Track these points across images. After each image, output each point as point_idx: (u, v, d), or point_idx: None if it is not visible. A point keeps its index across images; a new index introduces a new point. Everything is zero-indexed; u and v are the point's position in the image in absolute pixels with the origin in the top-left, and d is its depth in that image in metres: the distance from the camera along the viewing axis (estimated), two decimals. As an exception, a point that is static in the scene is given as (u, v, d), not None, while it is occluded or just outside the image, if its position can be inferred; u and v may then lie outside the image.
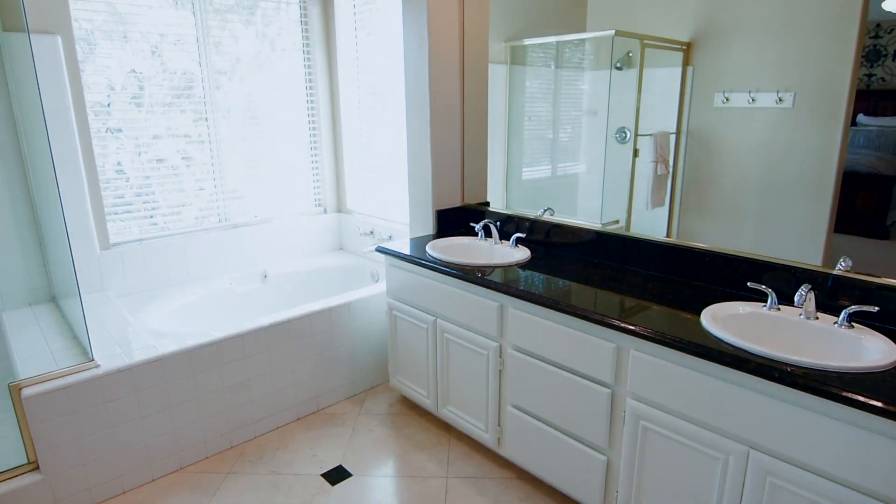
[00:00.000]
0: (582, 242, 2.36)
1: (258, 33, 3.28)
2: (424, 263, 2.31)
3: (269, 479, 2.25)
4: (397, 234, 3.33)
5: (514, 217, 2.62)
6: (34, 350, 2.24)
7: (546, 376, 1.95)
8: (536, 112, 2.65)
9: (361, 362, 2.85)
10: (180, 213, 3.16)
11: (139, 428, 2.17)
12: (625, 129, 2.26)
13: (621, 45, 2.22)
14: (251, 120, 3.35)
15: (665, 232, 2.17)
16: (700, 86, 1.98)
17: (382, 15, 3.20)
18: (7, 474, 1.97)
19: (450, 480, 2.23)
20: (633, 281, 2.04)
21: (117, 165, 2.92)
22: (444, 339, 2.35)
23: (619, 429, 1.77)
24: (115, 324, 2.47)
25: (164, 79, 2.98)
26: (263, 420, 2.53)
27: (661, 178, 2.17)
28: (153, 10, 2.88)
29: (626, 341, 1.69)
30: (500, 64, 2.72)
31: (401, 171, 3.33)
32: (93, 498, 2.11)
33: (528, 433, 2.08)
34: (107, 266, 2.89)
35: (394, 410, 2.72)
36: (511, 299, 2.02)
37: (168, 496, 2.16)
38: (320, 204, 3.79)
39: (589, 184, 2.45)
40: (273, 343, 2.48)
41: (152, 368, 2.15)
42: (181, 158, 3.13)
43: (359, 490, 2.18)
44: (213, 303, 3.13)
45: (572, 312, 1.78)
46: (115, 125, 2.87)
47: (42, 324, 2.50)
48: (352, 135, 3.63)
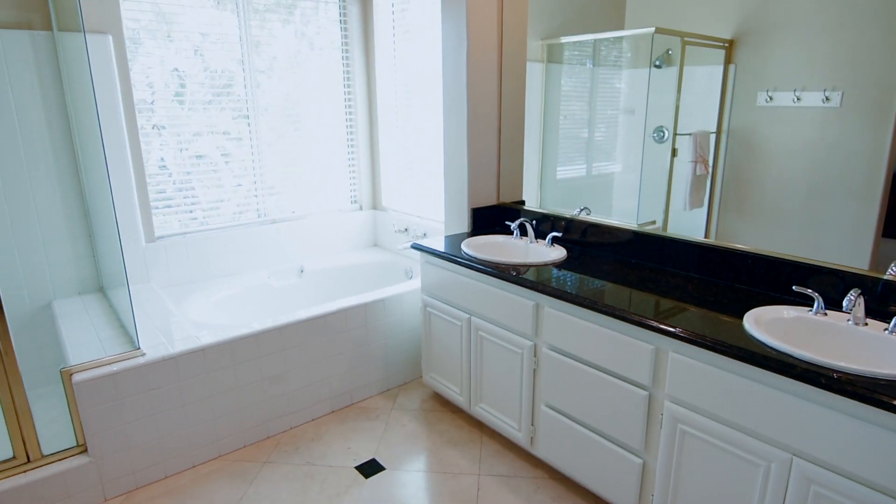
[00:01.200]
0: (619, 242, 2.34)
1: (297, 32, 3.34)
2: (460, 261, 2.33)
3: (304, 470, 2.29)
4: (431, 232, 3.35)
5: (550, 216, 2.61)
6: (84, 337, 2.33)
7: (581, 376, 1.94)
8: (572, 110, 2.63)
9: (395, 358, 2.88)
10: (218, 208, 3.24)
11: (181, 416, 2.24)
12: (663, 128, 2.23)
13: (661, 42, 2.19)
14: (289, 118, 3.42)
15: (703, 233, 2.14)
16: (742, 84, 1.94)
17: (420, 14, 3.22)
18: (57, 456, 2.05)
19: (482, 478, 2.24)
20: (672, 282, 2.01)
21: (160, 161, 3.01)
22: (479, 337, 2.35)
23: (656, 432, 1.75)
24: (159, 314, 2.55)
25: (205, 77, 3.06)
26: (299, 412, 2.58)
27: (700, 178, 2.14)
28: (195, 10, 2.96)
29: (665, 343, 1.67)
30: (537, 62, 2.71)
31: (436, 168, 3.35)
32: (136, 482, 2.19)
33: (561, 433, 2.07)
34: (151, 258, 2.99)
35: (426, 406, 2.75)
36: (547, 298, 2.02)
37: (207, 483, 2.22)
38: (356, 201, 3.83)
39: (625, 183, 2.42)
40: (309, 337, 2.53)
41: (194, 358, 2.22)
42: (220, 155, 3.21)
43: (392, 484, 2.21)
44: (251, 296, 3.20)
45: (610, 313, 1.77)
46: (158, 122, 2.96)
47: (91, 313, 2.60)
48: (388, 132, 3.67)
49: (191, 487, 2.20)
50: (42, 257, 2.69)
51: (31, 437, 1.99)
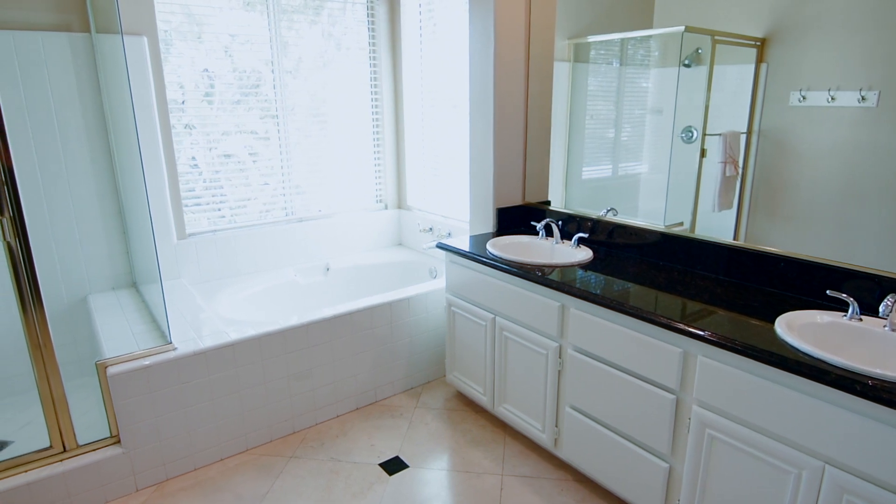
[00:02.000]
0: (646, 244, 2.32)
1: (324, 33, 3.38)
2: (485, 261, 2.33)
3: (329, 466, 2.32)
4: (456, 232, 3.36)
5: (576, 216, 2.60)
6: (118, 331, 2.40)
7: (607, 379, 1.93)
8: (598, 110, 2.61)
9: (419, 357, 2.90)
10: (245, 206, 3.30)
11: (210, 409, 2.29)
12: (692, 128, 2.20)
13: (691, 41, 2.16)
14: (316, 117, 3.46)
15: (732, 235, 2.10)
16: (774, 83, 1.90)
17: (447, 14, 3.22)
18: (92, 446, 2.12)
19: (505, 478, 2.24)
20: (701, 285, 1.99)
21: (191, 160, 3.08)
22: (503, 337, 2.35)
23: (684, 436, 1.74)
24: (190, 310, 2.61)
25: (233, 77, 3.12)
26: (324, 408, 2.62)
27: (730, 179, 2.10)
28: (224, 11, 3.01)
29: (694, 347, 1.65)
30: (563, 61, 2.70)
31: (461, 168, 3.36)
32: (167, 473, 2.25)
33: (586, 435, 2.06)
34: (182, 255, 3.05)
35: (449, 405, 2.76)
36: (573, 299, 2.01)
37: (235, 475, 2.27)
38: (381, 200, 3.86)
39: (652, 184, 2.40)
40: (335, 334, 2.56)
41: (224, 353, 2.27)
42: (248, 154, 3.26)
43: (415, 481, 2.23)
44: (278, 293, 3.25)
45: (637, 315, 1.76)
46: (189, 122, 3.02)
47: (124, 307, 2.67)
48: (414, 132, 3.69)
49: (219, 480, 2.25)
50: (78, 253, 2.77)
51: (67, 427, 2.05)
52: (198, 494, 2.16)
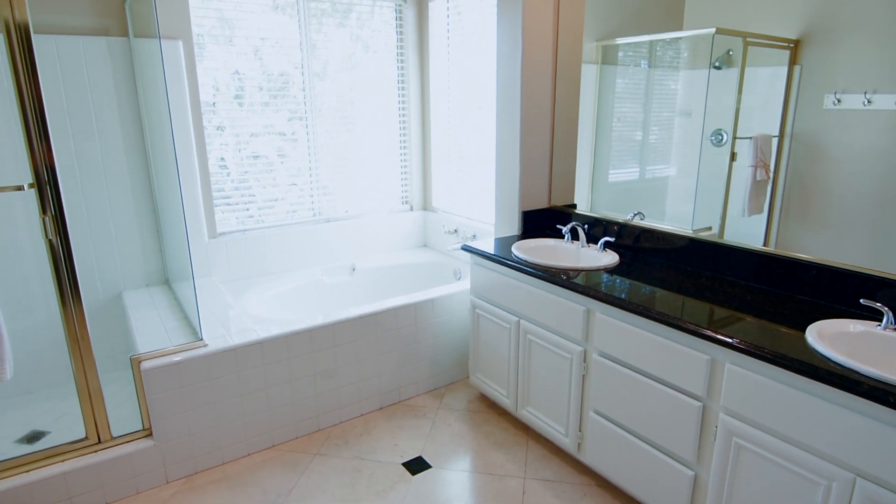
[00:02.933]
0: (673, 249, 2.29)
1: (352, 35, 3.42)
2: (510, 264, 2.33)
3: (353, 464, 2.35)
4: (481, 234, 3.37)
5: (602, 220, 2.59)
6: (151, 327, 2.47)
7: (632, 384, 1.92)
8: (626, 113, 2.59)
9: (442, 358, 2.91)
10: (272, 206, 3.36)
11: (239, 405, 2.34)
12: (721, 131, 2.17)
13: (721, 43, 2.13)
14: (343, 119, 3.50)
15: (762, 241, 2.07)
16: (808, 86, 1.87)
17: (475, 17, 3.24)
18: (125, 438, 2.18)
19: (527, 481, 2.24)
20: (729, 291, 1.96)
21: (221, 161, 3.15)
22: (527, 340, 2.35)
23: (710, 444, 1.72)
24: (219, 307, 2.67)
25: (263, 79, 3.18)
26: (349, 407, 2.65)
27: (761, 183, 2.07)
28: (255, 14, 3.07)
29: (722, 354, 1.63)
30: (591, 63, 2.69)
31: (486, 171, 3.36)
32: (196, 466, 2.30)
33: (610, 441, 2.05)
34: (213, 253, 3.12)
35: (472, 407, 2.77)
36: (598, 304, 2.00)
37: (262, 470, 2.31)
38: (407, 201, 3.89)
39: (680, 188, 2.37)
40: (361, 334, 2.59)
41: (252, 351, 2.31)
42: (277, 155, 3.32)
43: (438, 482, 2.24)
44: (305, 292, 3.30)
45: (664, 321, 1.74)
46: (219, 123, 3.09)
47: (157, 304, 2.75)
48: (440, 134, 3.71)
49: (246, 474, 2.29)
50: (114, 251, 2.86)
51: (102, 419, 2.12)
52: (225, 488, 2.21)
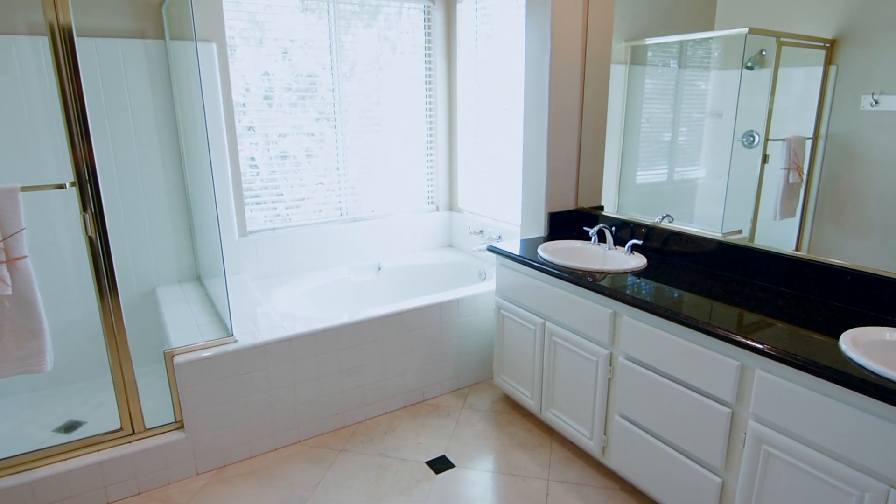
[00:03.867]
0: (702, 252, 2.27)
1: (379, 36, 3.45)
2: (536, 265, 2.33)
3: (377, 461, 2.38)
4: (506, 235, 3.37)
5: (630, 223, 2.57)
6: (183, 322, 2.53)
7: (659, 389, 1.90)
8: (655, 113, 2.57)
9: (467, 358, 2.92)
10: (299, 206, 3.41)
11: (267, 400, 2.38)
12: (753, 132, 2.14)
13: (754, 43, 2.10)
14: (370, 120, 3.53)
15: (794, 245, 2.03)
16: (844, 87, 1.83)
17: (503, 18, 3.24)
18: (158, 430, 2.25)
19: (551, 483, 2.24)
20: (760, 296, 1.93)
21: (251, 160, 3.21)
22: (552, 342, 2.35)
23: (738, 451, 1.69)
24: (249, 304, 2.73)
25: (292, 80, 3.23)
26: (374, 404, 2.68)
27: (793, 186, 2.03)
28: (285, 16, 3.12)
29: (752, 360, 1.61)
30: (619, 64, 2.67)
31: (513, 172, 3.36)
32: (225, 459, 2.36)
33: (635, 445, 2.03)
34: (243, 251, 3.19)
35: (496, 408, 2.77)
36: (625, 307, 1.99)
37: (288, 465, 2.36)
38: (433, 202, 3.91)
39: (709, 190, 2.34)
40: (386, 333, 2.62)
41: (281, 347, 2.36)
42: (305, 156, 3.37)
43: (461, 481, 2.25)
44: (332, 290, 3.35)
45: (693, 325, 1.73)
46: (249, 123, 3.15)
47: (189, 299, 2.82)
48: (466, 135, 3.72)
49: (273, 468, 2.34)
50: (148, 247, 2.94)
51: (136, 411, 2.19)
52: (253, 481, 2.26)
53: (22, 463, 2.03)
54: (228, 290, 2.90)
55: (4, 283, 1.83)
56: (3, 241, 1.82)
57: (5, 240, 1.82)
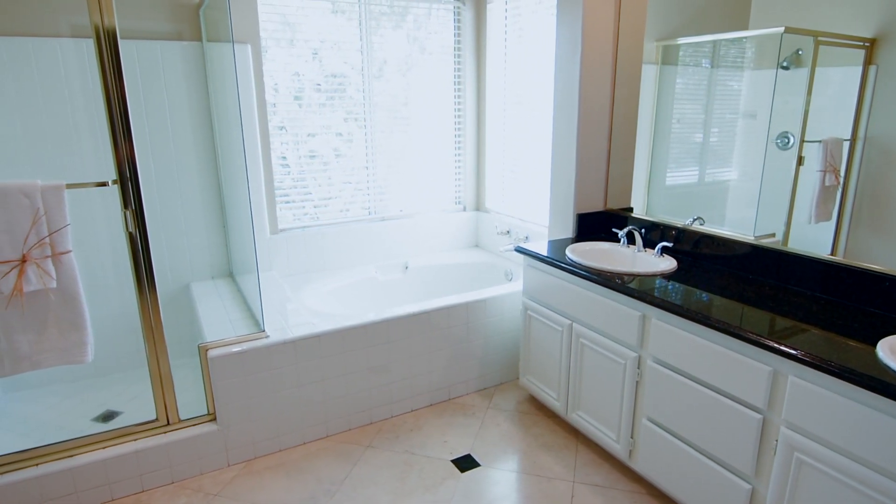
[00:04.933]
0: (734, 256, 2.24)
1: (409, 37, 3.47)
2: (564, 266, 2.33)
3: (403, 458, 2.40)
4: (534, 236, 3.37)
5: (660, 225, 2.54)
6: (216, 317, 2.60)
7: (689, 393, 1.88)
8: (686, 114, 2.54)
9: (492, 358, 2.93)
10: (327, 205, 3.46)
11: (296, 395, 2.43)
12: (788, 133, 2.10)
13: (790, 42, 2.06)
14: (399, 120, 3.57)
15: (830, 249, 1.99)
16: (885, 87, 1.78)
17: (533, 19, 3.24)
18: (192, 421, 2.31)
19: (576, 485, 2.23)
20: (794, 301, 1.90)
21: (282, 159, 3.27)
22: (580, 344, 2.35)
23: (769, 458, 1.67)
24: (279, 300, 2.78)
25: (322, 80, 3.27)
26: (400, 402, 2.71)
27: (830, 189, 1.99)
28: (316, 17, 3.16)
29: (785, 366, 1.59)
30: (650, 64, 2.64)
31: (540, 172, 3.36)
32: (255, 451, 2.41)
33: (663, 449, 2.02)
34: (274, 249, 3.25)
35: (521, 408, 2.77)
36: (655, 310, 1.98)
37: (316, 459, 2.40)
38: (460, 202, 3.93)
39: (742, 192, 2.31)
40: (413, 331, 2.64)
41: (310, 344, 2.40)
42: (335, 156, 3.42)
43: (486, 480, 2.26)
44: (359, 288, 3.39)
45: (724, 329, 1.71)
46: (279, 122, 3.21)
47: (222, 295, 2.89)
48: (495, 135, 3.72)
49: (301, 462, 2.38)
50: (183, 243, 3.02)
51: (171, 402, 2.25)
52: (282, 474, 2.31)
53: (63, 450, 2.11)
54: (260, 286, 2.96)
55: (50, 277, 1.90)
56: (49, 236, 1.89)
57: (51, 235, 1.90)
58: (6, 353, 1.93)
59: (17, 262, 1.86)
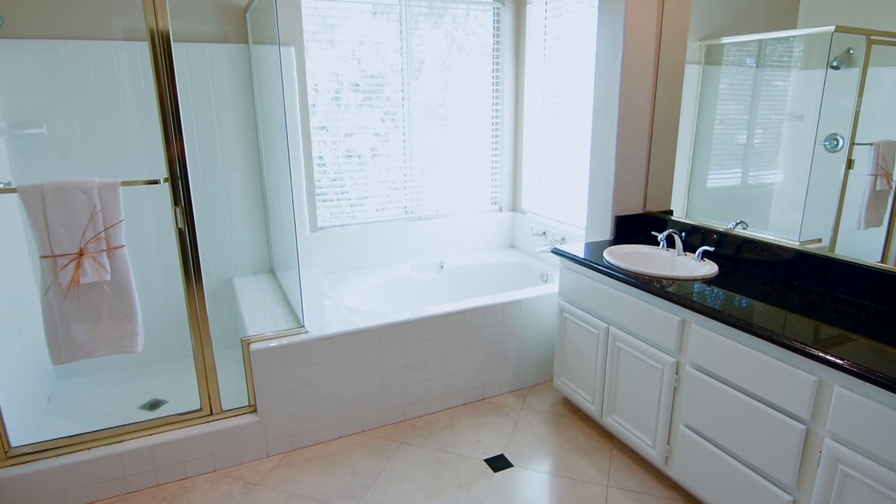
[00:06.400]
0: (778, 262, 2.18)
1: (447, 37, 3.49)
2: (602, 269, 2.31)
3: (436, 455, 2.43)
4: (570, 237, 3.35)
5: (701, 228, 2.50)
6: (258, 312, 2.67)
7: (729, 400, 1.85)
8: (729, 114, 2.49)
9: (527, 359, 2.93)
10: (363, 204, 3.51)
11: (333, 390, 2.48)
12: (837, 136, 2.04)
13: (841, 41, 2.00)
14: (436, 120, 3.59)
15: (880, 256, 1.92)
16: (942, 89, 1.72)
17: (573, 19, 3.22)
18: (233, 412, 2.38)
19: (610, 490, 2.22)
20: (841, 310, 1.84)
21: (319, 159, 3.33)
22: (616, 348, 2.33)
23: (812, 469, 1.63)
24: (317, 297, 2.84)
25: (360, 80, 3.32)
26: (434, 400, 2.74)
27: (881, 193, 1.93)
28: (355, 18, 3.21)
29: (831, 376, 1.55)
30: (693, 64, 2.60)
31: (578, 174, 3.34)
32: (293, 444, 2.47)
33: (700, 456, 1.99)
34: (313, 246, 3.32)
35: (555, 410, 2.77)
36: (695, 315, 1.95)
37: (352, 453, 2.45)
38: (496, 202, 3.93)
39: (787, 195, 2.25)
40: (448, 330, 2.67)
41: (348, 340, 2.45)
42: (372, 156, 3.46)
43: (519, 481, 2.27)
44: (395, 286, 3.43)
45: (768, 337, 1.67)
46: (318, 122, 3.27)
47: (263, 290, 2.97)
48: (532, 136, 3.71)
49: (338, 455, 2.43)
50: (227, 239, 3.11)
51: (214, 393, 2.33)
52: (319, 467, 2.36)
53: (113, 435, 2.21)
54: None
55: (105, 270, 2.00)
56: (104, 230, 1.98)
57: (106, 230, 1.99)
58: (63, 342, 2.03)
59: (75, 256, 1.95)
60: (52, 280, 1.95)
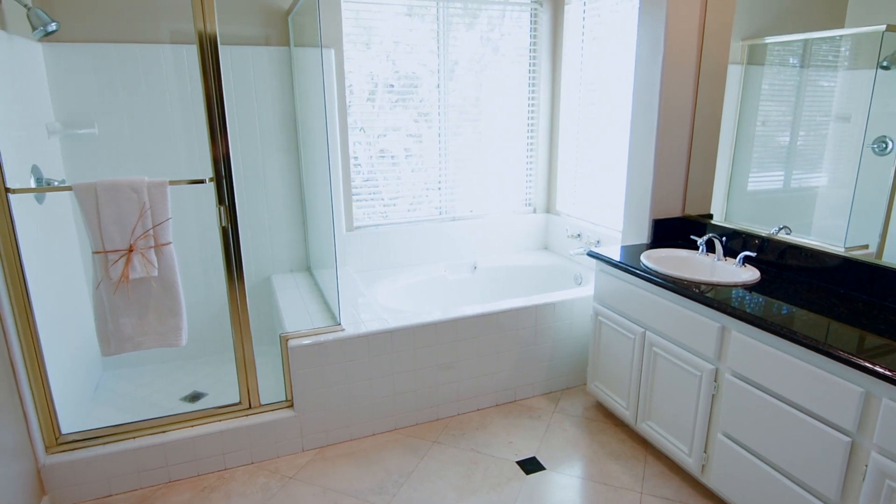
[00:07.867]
0: (823, 268, 2.12)
1: (482, 38, 3.49)
2: (639, 273, 2.29)
3: (468, 456, 2.44)
4: (605, 240, 3.32)
5: (742, 233, 2.45)
6: (295, 309, 2.73)
7: (769, 410, 1.81)
8: (771, 116, 2.42)
9: (560, 362, 2.92)
10: (395, 204, 3.54)
11: (368, 388, 2.52)
12: (886, 138, 1.97)
13: (892, 41, 1.94)
14: (471, 121, 3.60)
15: (932, 265, 1.86)
16: None
17: (611, 20, 3.18)
18: (271, 406, 2.44)
19: (644, 497, 2.19)
20: (890, 319, 1.78)
21: (354, 159, 3.37)
22: (652, 353, 2.30)
23: (857, 483, 1.59)
24: (352, 295, 2.88)
25: (395, 81, 3.35)
26: (466, 400, 2.75)
27: (933, 199, 1.86)
28: (390, 19, 3.24)
29: (879, 387, 1.50)
30: (735, 64, 2.55)
31: (614, 176, 3.30)
32: (328, 439, 2.52)
33: (738, 466, 1.95)
34: (349, 245, 3.37)
35: (588, 415, 2.75)
36: (736, 322, 1.91)
37: (385, 451, 2.48)
38: (530, 203, 3.92)
39: (832, 199, 2.18)
40: (481, 331, 2.67)
41: (383, 338, 2.48)
42: (405, 156, 3.49)
43: (551, 484, 2.27)
44: (429, 287, 3.46)
45: (812, 346, 1.63)
46: (354, 122, 3.31)
47: (300, 288, 3.03)
48: (568, 138, 3.69)
49: (371, 452, 2.47)
50: (266, 238, 3.19)
51: (253, 387, 2.39)
52: (352, 463, 2.40)
53: (156, 426, 2.29)
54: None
55: (152, 266, 2.07)
56: (153, 228, 2.06)
57: (155, 227, 2.06)
58: (112, 335, 2.11)
59: (125, 252, 2.03)
60: (103, 275, 2.03)
